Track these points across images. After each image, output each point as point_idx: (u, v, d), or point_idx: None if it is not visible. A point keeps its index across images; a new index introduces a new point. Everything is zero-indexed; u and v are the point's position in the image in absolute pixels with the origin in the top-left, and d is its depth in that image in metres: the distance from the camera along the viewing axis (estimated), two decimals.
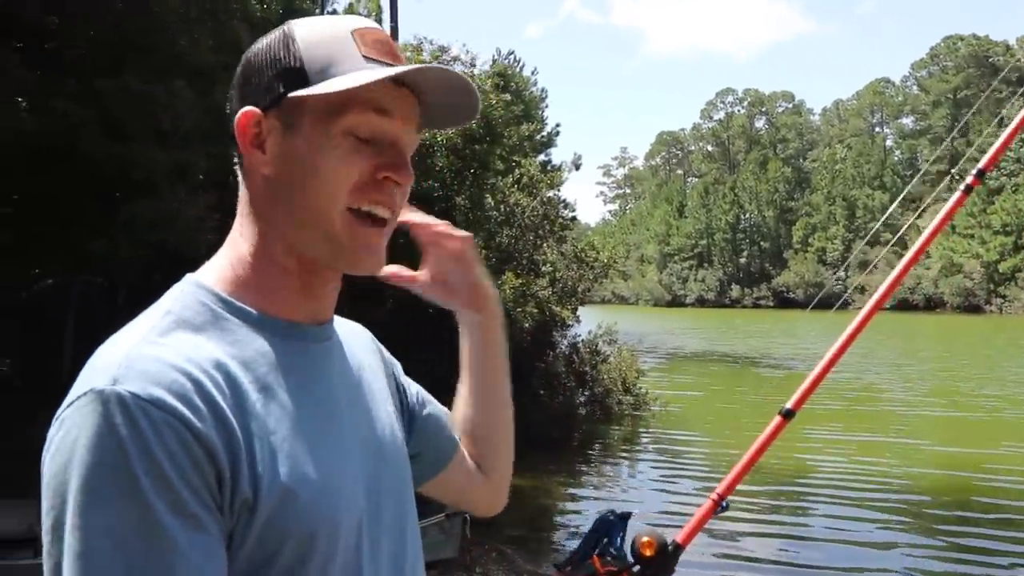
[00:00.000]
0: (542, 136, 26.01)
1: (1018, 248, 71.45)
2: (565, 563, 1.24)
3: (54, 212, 9.40)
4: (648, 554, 1.08)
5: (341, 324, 1.05)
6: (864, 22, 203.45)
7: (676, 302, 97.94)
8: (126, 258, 8.31)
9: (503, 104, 12.51)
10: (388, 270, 1.10)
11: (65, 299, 10.67)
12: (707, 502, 1.28)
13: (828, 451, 13.51)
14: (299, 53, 0.89)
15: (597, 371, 15.34)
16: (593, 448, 14.40)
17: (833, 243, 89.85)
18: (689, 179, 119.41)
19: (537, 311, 12.64)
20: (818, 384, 1.50)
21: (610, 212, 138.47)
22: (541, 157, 20.54)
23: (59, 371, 10.15)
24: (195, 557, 0.73)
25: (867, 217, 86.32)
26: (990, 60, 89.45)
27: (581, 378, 14.99)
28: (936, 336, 44.80)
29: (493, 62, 18.42)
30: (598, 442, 14.77)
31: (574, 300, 14.95)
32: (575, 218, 16.88)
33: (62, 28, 8.89)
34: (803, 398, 1.46)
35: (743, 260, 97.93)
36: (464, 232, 1.17)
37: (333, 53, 0.88)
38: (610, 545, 1.10)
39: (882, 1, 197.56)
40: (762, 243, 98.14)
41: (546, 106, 29.96)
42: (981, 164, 2.19)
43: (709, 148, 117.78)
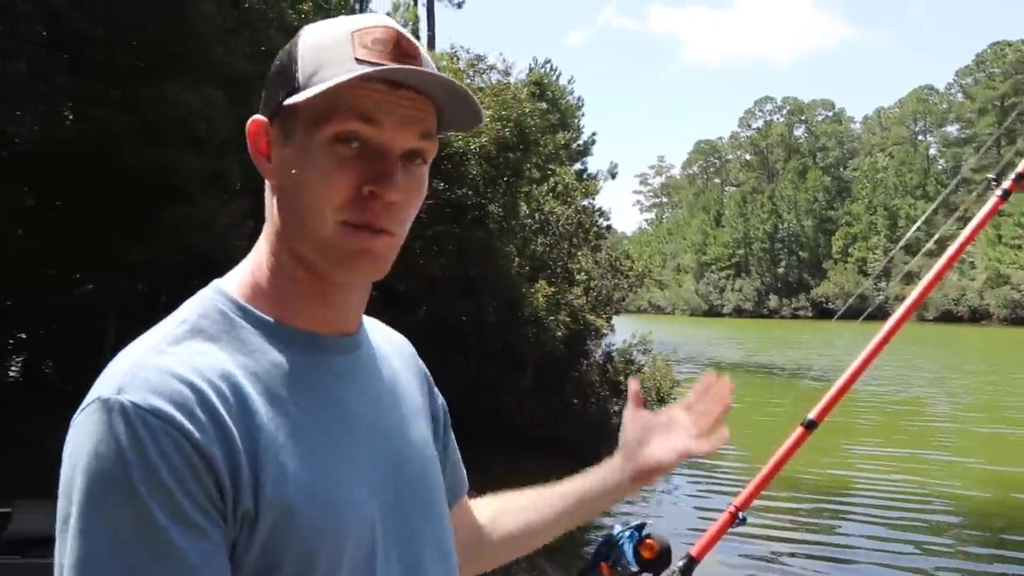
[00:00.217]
0: (578, 145, 25.93)
1: None
2: (579, 573, 1.22)
3: (94, 218, 9.58)
4: (646, 556, 1.05)
5: (380, 334, 1.04)
6: (908, 29, 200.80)
7: (713, 312, 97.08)
8: (163, 263, 8.43)
9: (539, 112, 12.49)
10: (633, 387, 1.25)
11: (106, 304, 10.84)
12: (724, 515, 1.23)
13: (865, 466, 13.17)
14: (296, 58, 0.87)
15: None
16: None
17: (874, 253, 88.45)
18: (727, 188, 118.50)
19: (570, 319, 12.59)
20: (843, 395, 1.43)
21: (646, 221, 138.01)
22: (577, 166, 20.50)
23: (99, 374, 10.30)
24: (195, 563, 0.73)
25: (910, 227, 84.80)
26: None
27: (615, 387, 14.88)
28: (982, 349, 43.79)
29: (530, 70, 18.45)
30: None
31: (609, 309, 14.87)
32: (610, 227, 16.79)
33: (105, 38, 9.07)
34: (827, 409, 1.40)
35: (781, 270, 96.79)
36: (719, 440, 1.17)
37: (323, 58, 0.85)
38: (622, 556, 1.07)
39: (928, 7, 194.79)
40: (801, 253, 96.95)
41: (582, 114, 29.88)
42: (1020, 168, 2.09)
43: (747, 157, 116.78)
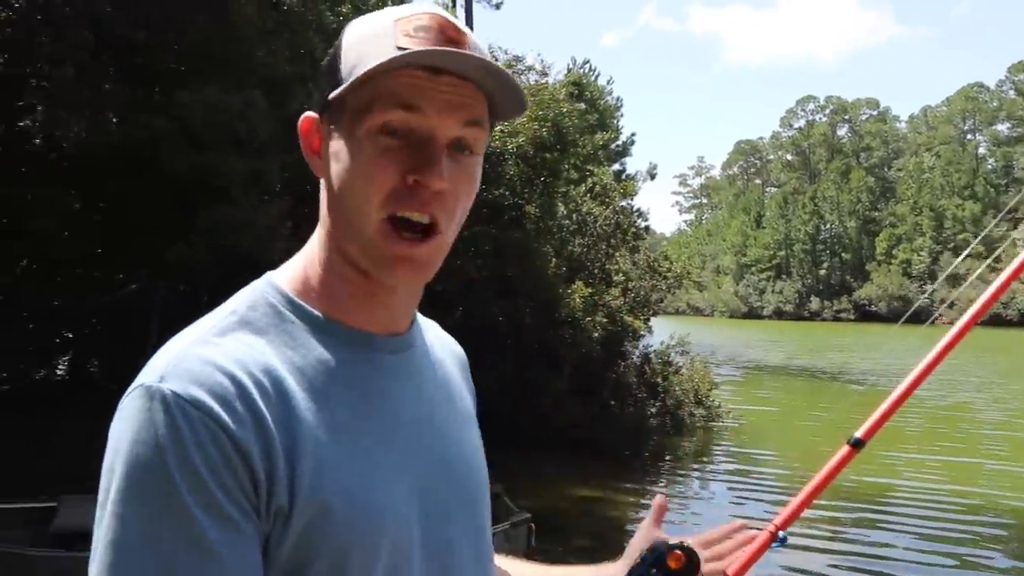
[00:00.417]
0: (617, 145, 25.80)
1: None
2: None
3: (136, 220, 9.74)
4: (673, 567, 1.01)
5: (434, 336, 1.02)
6: (956, 25, 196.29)
7: (752, 314, 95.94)
8: (204, 263, 8.56)
9: (577, 113, 12.44)
10: (658, 502, 1.20)
11: (149, 304, 11.03)
12: (763, 534, 1.17)
13: (911, 474, 12.83)
14: (340, 52, 0.86)
15: (669, 382, 15.12)
16: (663, 461, 14.15)
17: (919, 255, 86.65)
18: (767, 189, 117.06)
19: (607, 321, 12.52)
20: (894, 412, 1.35)
21: (686, 222, 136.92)
22: (615, 166, 20.41)
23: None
24: (226, 555, 0.73)
25: (956, 228, 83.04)
26: None
27: (652, 389, 14.81)
28: None
29: (568, 71, 18.40)
30: (668, 455, 14.50)
31: (647, 310, 14.77)
32: (648, 227, 16.68)
33: (148, 42, 9.23)
34: (876, 427, 1.32)
35: (823, 272, 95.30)
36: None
37: (365, 49, 0.83)
38: (660, 572, 1.04)
39: (974, 3, 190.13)
40: (843, 254, 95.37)
41: (621, 115, 29.71)
42: None
43: (788, 157, 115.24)
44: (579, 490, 11.35)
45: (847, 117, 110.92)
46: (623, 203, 14.42)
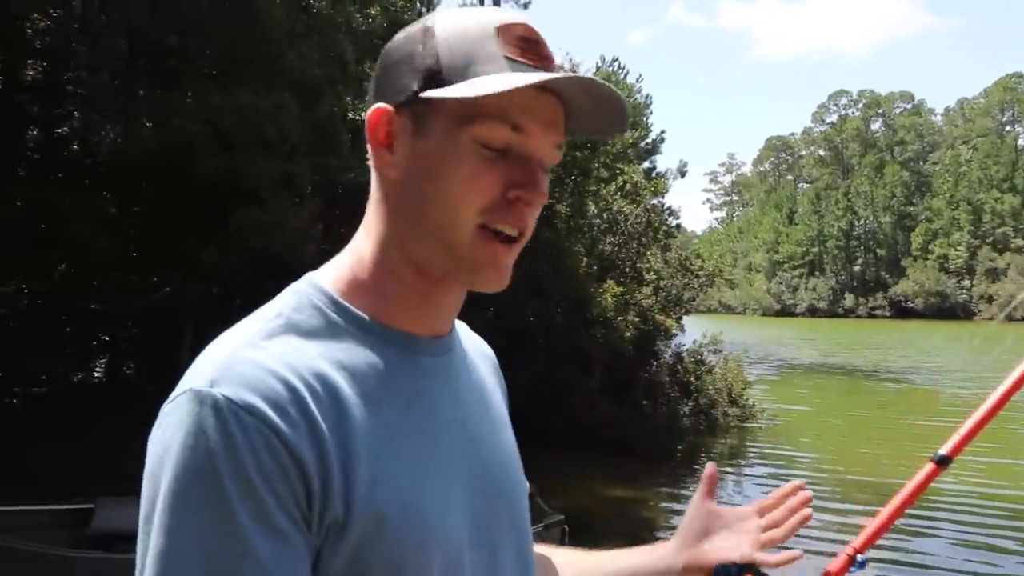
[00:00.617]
0: (646, 143, 25.65)
1: None
2: None
3: (170, 223, 9.85)
4: None
5: (467, 338, 1.01)
6: (993, 14, 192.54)
7: (785, 311, 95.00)
8: (236, 266, 8.63)
9: None
10: (709, 470, 1.15)
11: (183, 307, 11.16)
12: (840, 558, 1.10)
13: (998, 486, 11.93)
14: (435, 49, 0.83)
15: (702, 381, 15.00)
16: (697, 461, 14.02)
17: (957, 250, 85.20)
18: (799, 185, 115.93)
19: (639, 320, 12.44)
20: (982, 428, 1.24)
21: (717, 220, 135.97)
22: (646, 164, 20.29)
23: (177, 375, 10.62)
24: (275, 569, 0.71)
25: (995, 222, 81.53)
26: None
27: (685, 388, 14.70)
28: None
29: (597, 69, 18.31)
30: (702, 455, 14.37)
31: (679, 309, 14.67)
32: (679, 225, 16.55)
33: (180, 48, 9.33)
34: (963, 443, 1.22)
35: (857, 268, 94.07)
36: (787, 557, 1.10)
37: (472, 52, 0.82)
38: None
39: None
40: (878, 250, 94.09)
41: (651, 113, 29.51)
42: None
43: (821, 152, 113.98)
44: (611, 490, 11.28)
45: (880, 111, 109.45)
46: (654, 201, 14.33)
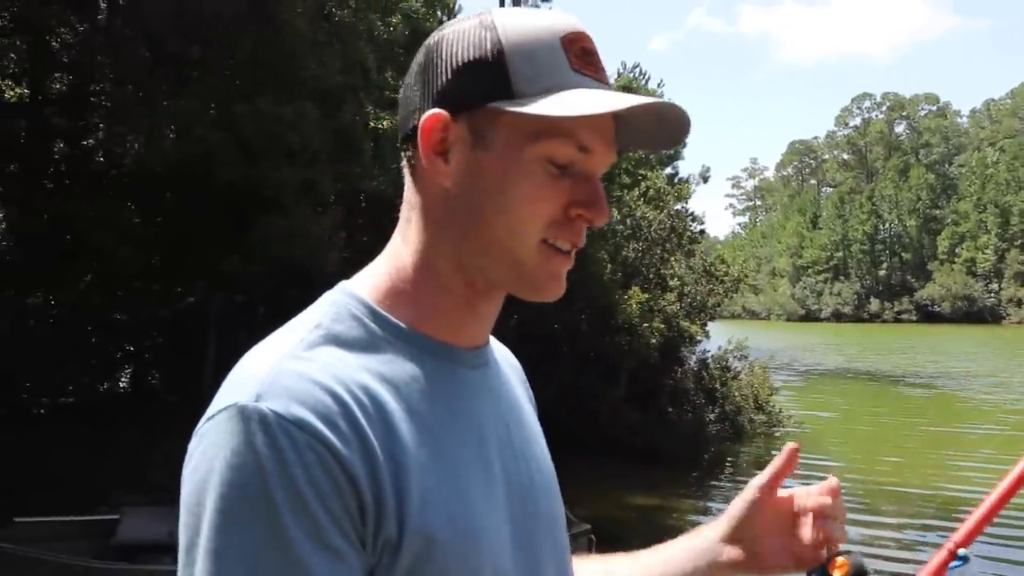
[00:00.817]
0: (653, 151, 25.60)
1: None
2: None
3: (193, 233, 9.88)
4: (835, 575, 0.88)
5: (495, 348, 0.97)
6: (1019, 15, 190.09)
7: (810, 317, 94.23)
8: (258, 274, 8.64)
9: None
10: (791, 448, 1.05)
11: (206, 316, 11.20)
12: (940, 553, 1.01)
13: None
14: (503, 57, 0.79)
15: (727, 388, 14.84)
16: (723, 468, 13.86)
17: (984, 253, 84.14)
18: (823, 189, 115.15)
19: (664, 326, 12.33)
20: None
21: (740, 225, 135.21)
22: (668, 170, 20.18)
23: (201, 384, 10.67)
24: None
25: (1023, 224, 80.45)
26: None
27: (711, 395, 14.56)
28: None
29: (618, 75, 18.25)
30: (728, 462, 14.21)
31: (703, 315, 14.53)
32: (703, 231, 16.42)
33: (202, 58, 9.37)
34: None
35: (882, 272, 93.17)
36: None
37: (542, 64, 0.79)
38: None
39: None
40: (903, 254, 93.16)
41: None
42: None
43: (844, 156, 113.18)
44: (637, 498, 11.17)
45: (905, 113, 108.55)
46: (677, 207, 14.22)
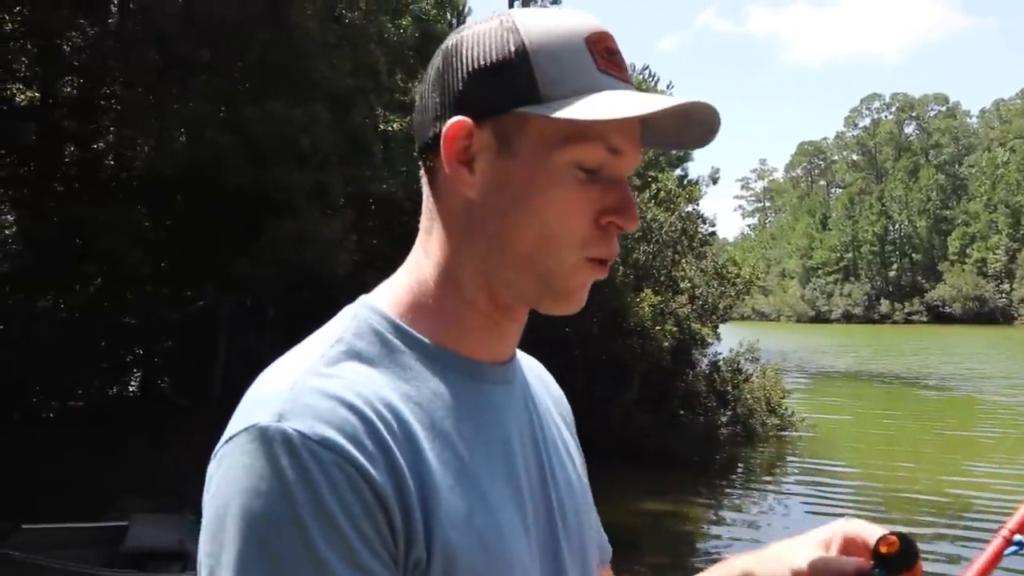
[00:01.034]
0: (677, 151, 25.54)
1: None
2: None
3: (203, 236, 9.86)
4: (883, 551, 0.80)
5: (524, 362, 0.94)
6: None
7: (820, 318, 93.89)
8: (268, 277, 8.61)
9: None
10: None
11: (216, 320, 11.18)
12: (996, 540, 0.93)
13: None
14: (528, 60, 0.75)
15: (739, 390, 14.76)
16: (736, 472, 13.77)
17: (995, 253, 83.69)
18: (833, 190, 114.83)
19: (676, 329, 12.25)
20: None
21: (749, 226, 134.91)
22: (677, 172, 20.13)
23: (211, 388, 10.64)
24: None
25: None
26: None
27: (722, 398, 14.47)
28: None
29: None
30: (741, 465, 14.11)
31: (715, 318, 14.45)
32: (714, 233, 16.33)
33: (212, 60, 9.35)
34: None
35: (893, 273, 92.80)
36: None
37: (568, 66, 0.76)
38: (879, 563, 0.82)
39: None
40: (914, 255, 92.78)
41: None
42: None
43: (854, 157, 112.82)
44: (649, 503, 11.09)
45: (914, 114, 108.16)
46: (688, 208, 14.16)
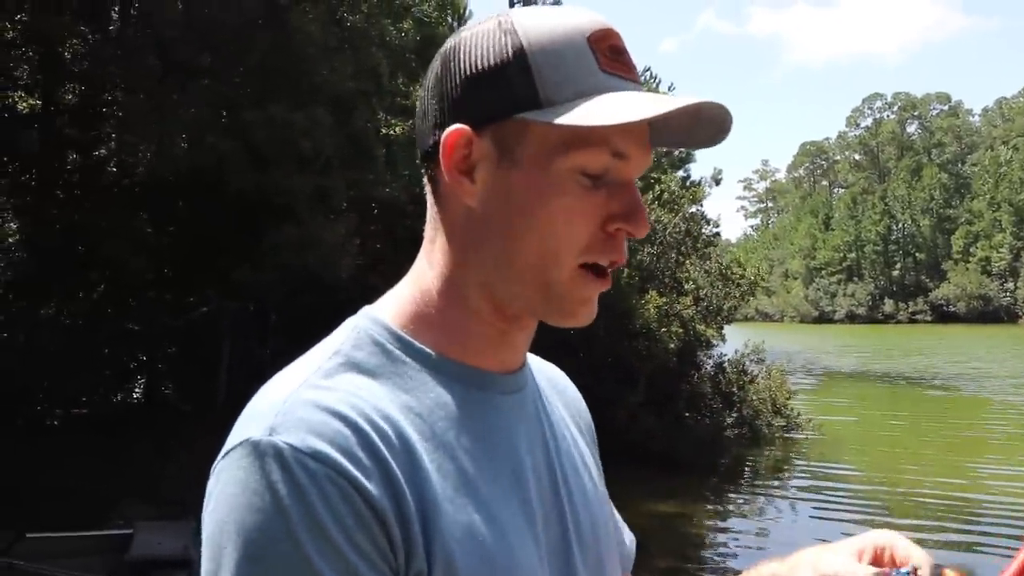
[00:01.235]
0: (680, 152, 25.53)
1: None
2: None
3: (205, 241, 9.85)
4: None
5: (538, 368, 0.92)
6: None
7: (824, 318, 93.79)
8: (271, 283, 8.60)
9: None
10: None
11: (219, 325, 11.17)
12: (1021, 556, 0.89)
13: None
14: (527, 64, 0.73)
15: (745, 392, 14.72)
16: (743, 474, 13.71)
17: (999, 252, 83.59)
18: (835, 190, 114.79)
19: (681, 331, 12.23)
20: None
21: (752, 227, 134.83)
22: (680, 173, 20.13)
23: (215, 394, 10.63)
24: None
25: None
26: None
27: (728, 399, 14.44)
28: None
29: None
30: (747, 467, 14.05)
31: (719, 319, 14.42)
32: (718, 234, 16.32)
33: (213, 65, 9.35)
34: None
35: (896, 273, 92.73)
36: None
37: (570, 68, 0.73)
38: None
39: None
40: (917, 254, 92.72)
41: None
42: None
43: (856, 157, 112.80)
44: (655, 506, 11.03)
45: (916, 113, 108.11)
46: (692, 209, 14.16)
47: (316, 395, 0.69)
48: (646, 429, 12.48)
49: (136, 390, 13.87)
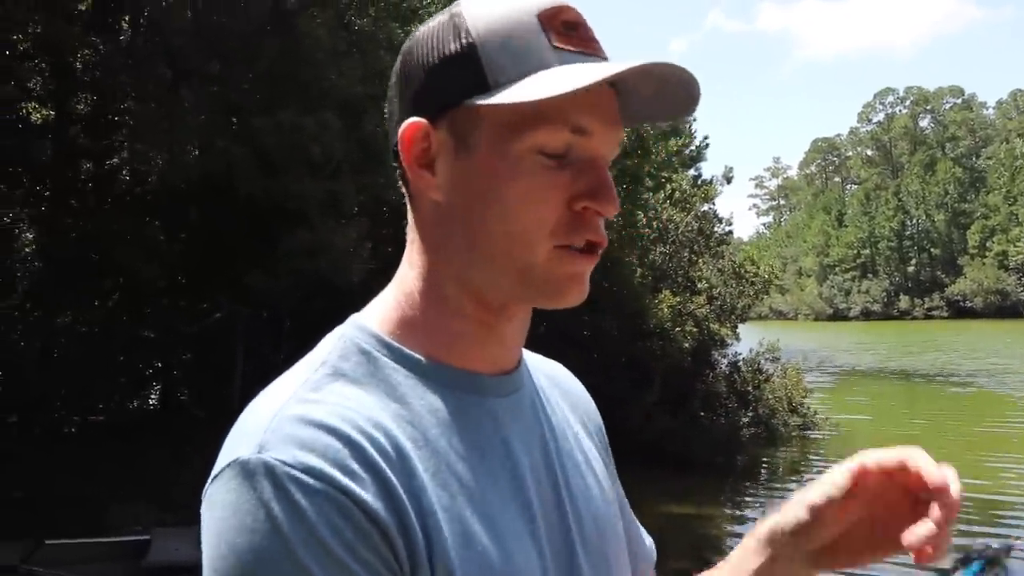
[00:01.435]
0: (691, 150, 25.50)
1: None
2: None
3: (217, 248, 9.89)
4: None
5: (539, 367, 0.90)
6: None
7: (838, 316, 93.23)
8: (283, 288, 8.63)
9: None
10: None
11: (233, 332, 11.22)
12: None
13: None
14: (474, 48, 0.72)
15: (760, 391, 14.66)
16: (759, 474, 13.64)
17: (1016, 246, 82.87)
18: (848, 186, 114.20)
19: (695, 330, 12.19)
20: None
21: (764, 225, 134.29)
22: (691, 172, 20.11)
23: (230, 399, 10.67)
24: None
25: None
26: None
27: (743, 398, 14.37)
28: None
29: None
30: (764, 467, 13.99)
31: (733, 317, 14.36)
32: (731, 232, 16.27)
33: (222, 72, 9.40)
34: None
35: (911, 269, 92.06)
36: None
37: (517, 47, 0.71)
38: None
39: None
40: (932, 250, 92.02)
41: (694, 119, 29.25)
42: None
43: (869, 152, 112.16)
44: (671, 506, 11.00)
45: (929, 107, 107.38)
46: (704, 208, 14.12)
47: (304, 409, 0.67)
48: (661, 429, 12.45)
49: (152, 397, 13.97)
